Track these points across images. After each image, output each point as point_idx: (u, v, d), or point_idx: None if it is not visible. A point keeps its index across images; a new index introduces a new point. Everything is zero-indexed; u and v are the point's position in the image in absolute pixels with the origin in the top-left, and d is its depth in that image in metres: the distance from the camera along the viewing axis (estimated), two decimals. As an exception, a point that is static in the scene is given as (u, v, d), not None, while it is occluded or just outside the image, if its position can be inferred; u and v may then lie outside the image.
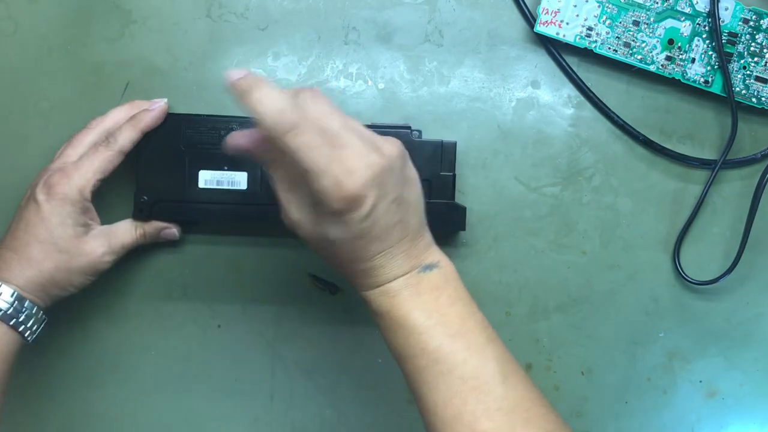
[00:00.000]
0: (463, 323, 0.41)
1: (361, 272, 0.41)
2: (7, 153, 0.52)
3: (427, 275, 0.41)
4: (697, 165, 0.53)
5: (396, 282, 0.41)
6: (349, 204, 0.37)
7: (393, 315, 0.40)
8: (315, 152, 0.37)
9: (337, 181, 0.37)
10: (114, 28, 0.52)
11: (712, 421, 0.55)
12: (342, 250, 0.40)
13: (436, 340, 0.40)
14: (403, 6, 0.52)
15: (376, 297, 0.41)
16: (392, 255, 0.40)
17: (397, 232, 0.40)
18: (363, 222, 0.38)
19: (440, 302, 0.41)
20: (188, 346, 0.53)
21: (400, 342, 0.40)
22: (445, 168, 0.50)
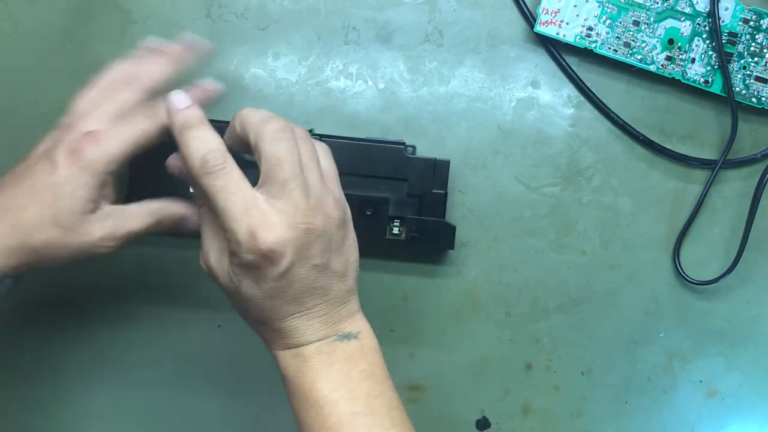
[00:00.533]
0: (369, 402, 0.38)
1: (273, 331, 0.39)
2: (7, 153, 0.52)
3: (342, 345, 0.39)
4: (697, 165, 0.53)
5: (309, 347, 0.39)
6: (262, 259, 0.36)
7: (299, 381, 0.39)
8: (232, 197, 0.36)
9: (252, 232, 0.35)
10: (114, 28, 0.52)
11: (712, 421, 0.55)
12: (255, 307, 0.38)
13: (335, 417, 0.38)
14: (403, 6, 0.52)
15: (285, 358, 0.39)
16: (307, 318, 0.38)
17: (316, 297, 0.38)
18: (277, 281, 0.37)
19: (351, 376, 0.39)
20: (188, 346, 0.53)
21: (302, 413, 0.39)
22: (438, 186, 0.50)
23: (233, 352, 0.53)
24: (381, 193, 0.50)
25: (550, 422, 0.54)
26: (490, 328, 0.54)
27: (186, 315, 0.53)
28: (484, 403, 0.54)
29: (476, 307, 0.53)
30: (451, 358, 0.53)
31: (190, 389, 0.53)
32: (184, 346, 0.53)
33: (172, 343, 0.53)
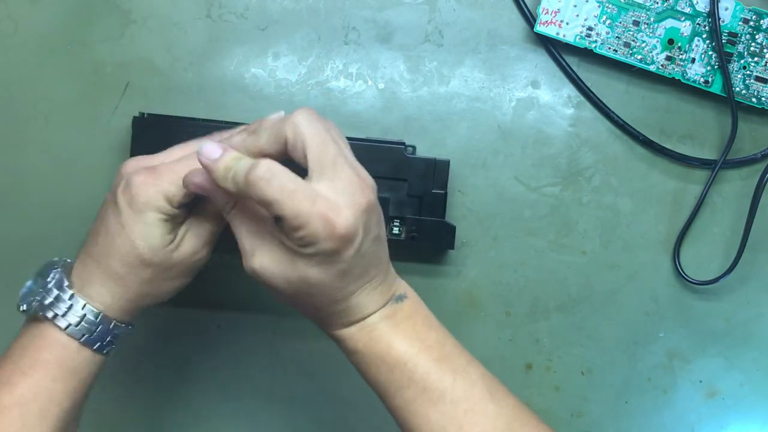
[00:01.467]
0: (442, 347, 0.40)
1: (337, 312, 0.39)
2: (7, 153, 0.52)
3: (399, 306, 0.40)
4: (697, 165, 0.53)
5: (373, 316, 0.39)
6: (341, 243, 0.36)
7: (374, 349, 0.39)
8: (294, 195, 0.35)
9: (326, 220, 0.35)
10: (114, 28, 0.52)
11: (712, 421, 0.55)
12: (320, 292, 0.38)
13: (421, 368, 0.39)
14: (403, 6, 0.52)
15: (353, 334, 0.39)
16: (369, 291, 0.39)
17: (374, 268, 0.39)
18: (350, 261, 0.37)
19: (417, 330, 0.40)
20: (188, 346, 0.53)
21: (383, 377, 0.39)
22: (437, 186, 0.50)
23: (233, 352, 0.53)
24: (381, 193, 0.49)
25: (550, 422, 0.54)
26: (490, 328, 0.54)
27: (186, 315, 0.53)
28: (484, 403, 0.54)
29: (476, 307, 0.53)
30: (451, 358, 0.53)
31: (190, 389, 0.53)
32: (185, 346, 0.53)
33: (172, 344, 0.53)
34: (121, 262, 0.39)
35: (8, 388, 0.38)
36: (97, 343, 0.40)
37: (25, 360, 0.39)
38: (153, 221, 0.39)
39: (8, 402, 0.38)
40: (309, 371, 0.53)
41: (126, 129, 0.51)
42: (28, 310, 0.40)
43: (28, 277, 0.42)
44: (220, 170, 0.37)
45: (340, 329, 0.40)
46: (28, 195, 0.52)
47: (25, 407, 0.38)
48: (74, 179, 0.52)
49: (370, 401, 0.53)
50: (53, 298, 0.39)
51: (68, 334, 0.39)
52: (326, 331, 0.41)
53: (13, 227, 0.52)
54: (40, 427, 0.38)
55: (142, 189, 0.38)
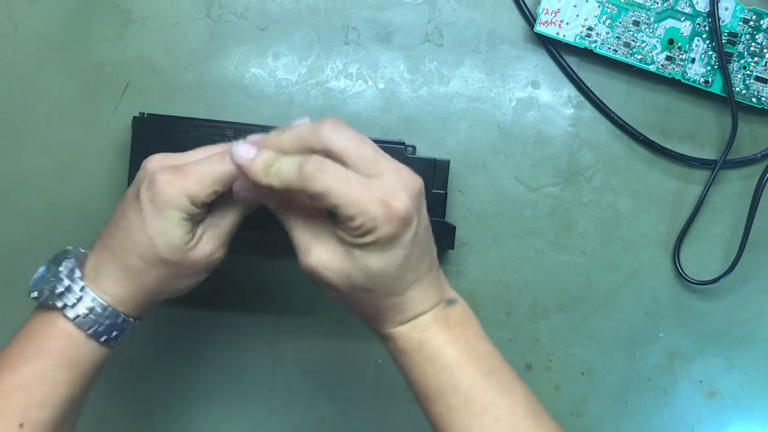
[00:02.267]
0: (491, 360, 0.40)
1: (392, 307, 0.39)
2: (7, 153, 0.52)
3: (452, 309, 0.40)
4: (697, 165, 0.53)
5: (426, 316, 0.39)
6: (401, 225, 0.36)
7: (424, 351, 0.39)
8: (348, 183, 0.36)
9: (384, 203, 0.36)
10: (114, 28, 0.52)
11: (712, 421, 0.55)
12: (378, 284, 0.38)
13: (469, 378, 0.38)
14: (403, 6, 0.52)
15: (405, 332, 0.39)
16: (423, 286, 0.39)
17: (427, 262, 0.39)
18: (408, 246, 0.37)
19: (468, 338, 0.40)
20: (188, 346, 0.53)
21: (429, 381, 0.39)
22: (438, 186, 0.50)
23: (233, 352, 0.53)
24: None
25: (550, 422, 0.54)
26: (490, 328, 0.53)
27: (186, 315, 0.53)
28: (484, 403, 0.54)
29: (476, 307, 0.53)
30: (451, 358, 0.53)
31: (191, 389, 0.53)
32: (185, 346, 0.53)
33: (173, 344, 0.53)
34: (139, 258, 0.39)
35: (10, 371, 0.38)
36: (103, 336, 0.40)
37: (31, 346, 0.39)
38: (174, 220, 0.38)
39: (11, 385, 0.38)
40: (309, 371, 0.53)
41: (126, 129, 0.51)
42: (38, 297, 0.39)
43: (28, 277, 0.42)
44: (259, 167, 0.37)
45: (392, 327, 0.39)
46: (28, 195, 0.52)
47: (26, 393, 0.38)
48: (74, 179, 0.52)
49: (370, 401, 0.53)
50: (64, 288, 0.39)
51: (76, 324, 0.39)
52: (378, 329, 0.40)
53: (13, 227, 0.52)
54: (39, 413, 0.38)
55: (166, 187, 0.38)
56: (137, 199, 0.39)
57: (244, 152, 0.37)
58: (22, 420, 0.38)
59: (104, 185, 0.50)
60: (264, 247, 0.52)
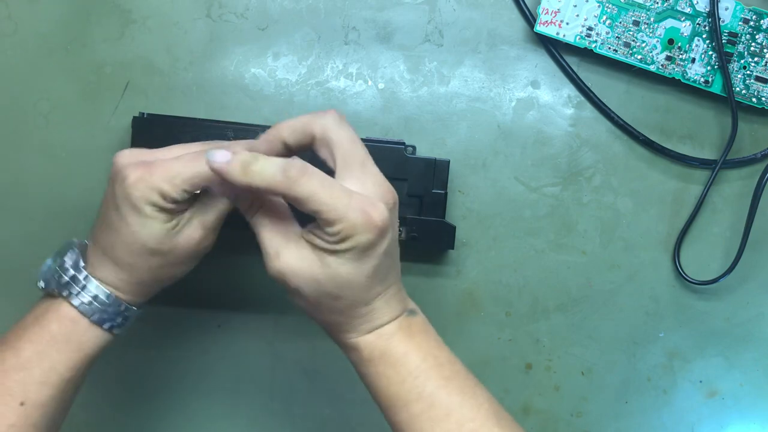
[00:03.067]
0: (452, 366, 0.41)
1: (358, 317, 0.40)
2: (7, 153, 0.52)
3: (413, 319, 0.41)
4: (697, 165, 0.53)
5: (390, 325, 0.40)
6: (377, 236, 0.37)
7: (388, 359, 0.40)
8: (331, 190, 0.36)
9: (364, 212, 0.37)
10: (114, 28, 0.52)
11: (712, 421, 0.55)
12: (347, 292, 0.38)
13: (432, 384, 0.39)
14: (403, 6, 0.52)
15: (370, 342, 0.40)
16: (388, 297, 0.40)
17: (394, 274, 0.40)
18: (380, 257, 0.38)
19: (430, 346, 0.41)
20: (188, 346, 0.53)
21: (393, 389, 0.39)
22: (438, 186, 0.50)
23: (233, 352, 0.53)
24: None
25: (550, 422, 0.54)
26: (490, 328, 0.53)
27: (186, 315, 0.53)
28: (484, 403, 0.54)
29: (476, 307, 0.53)
30: (451, 358, 0.53)
31: (190, 389, 0.53)
32: (184, 346, 0.53)
33: (172, 344, 0.53)
34: (128, 252, 0.40)
35: (13, 352, 0.39)
36: (106, 323, 0.41)
37: (34, 329, 0.40)
38: (150, 214, 0.39)
39: (13, 364, 0.39)
40: (309, 371, 0.53)
41: (126, 129, 0.51)
42: (46, 287, 0.41)
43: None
44: (237, 168, 0.37)
45: (357, 337, 0.40)
46: (28, 195, 0.52)
47: (27, 371, 0.39)
48: (74, 179, 0.52)
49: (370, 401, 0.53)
50: (69, 278, 0.40)
51: (80, 311, 0.40)
52: (342, 339, 0.41)
53: (13, 227, 0.52)
54: (39, 393, 0.39)
55: (136, 183, 0.38)
56: (114, 197, 0.39)
57: (219, 156, 0.37)
58: (23, 398, 0.39)
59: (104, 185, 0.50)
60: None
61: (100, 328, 0.41)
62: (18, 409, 0.39)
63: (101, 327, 0.41)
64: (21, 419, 0.39)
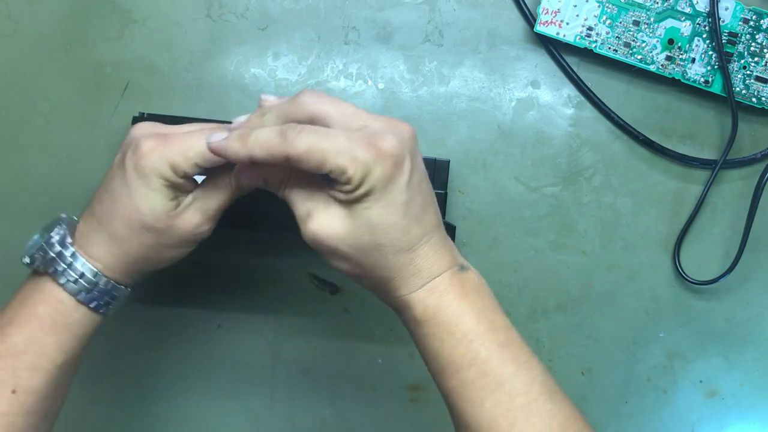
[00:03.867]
0: (508, 332, 0.38)
1: (405, 267, 0.38)
2: (7, 153, 0.52)
3: (466, 275, 0.39)
4: (697, 165, 0.53)
5: (441, 278, 0.38)
6: (392, 166, 0.36)
7: (441, 319, 0.37)
8: (331, 136, 0.36)
9: (371, 145, 0.35)
10: (114, 28, 0.52)
11: (712, 421, 0.55)
12: (385, 237, 0.37)
13: (486, 350, 0.37)
14: (403, 6, 0.52)
15: (422, 298, 0.38)
16: (433, 243, 0.38)
17: (432, 215, 0.38)
18: (405, 192, 0.36)
19: (485, 306, 0.38)
20: (188, 346, 0.53)
21: (446, 352, 0.37)
22: (438, 186, 0.50)
23: (233, 352, 0.53)
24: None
25: (550, 422, 0.54)
26: (490, 328, 0.53)
27: (186, 315, 0.53)
28: (484, 403, 0.54)
29: (476, 307, 0.53)
30: (451, 358, 0.53)
31: (190, 389, 0.53)
32: (184, 346, 0.53)
33: (173, 343, 0.53)
34: (124, 224, 0.39)
35: (1, 338, 0.38)
36: (93, 302, 0.40)
37: (21, 312, 0.39)
38: (156, 187, 0.38)
39: (1, 352, 0.38)
40: (309, 371, 0.53)
41: (126, 129, 0.50)
42: (31, 263, 0.40)
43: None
44: (235, 142, 0.37)
45: (409, 292, 0.38)
46: (28, 195, 0.52)
47: (16, 358, 0.38)
48: (74, 179, 0.52)
49: (370, 401, 0.53)
50: (55, 254, 0.39)
51: (66, 290, 0.39)
52: (394, 297, 0.39)
53: (13, 227, 0.52)
54: (30, 379, 0.38)
55: (149, 153, 0.38)
56: (123, 165, 0.39)
57: (217, 136, 0.37)
58: (14, 386, 0.38)
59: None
60: (264, 246, 0.52)
61: (87, 307, 0.40)
62: (10, 397, 0.38)
63: (88, 306, 0.40)
64: (14, 407, 0.38)
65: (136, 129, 0.40)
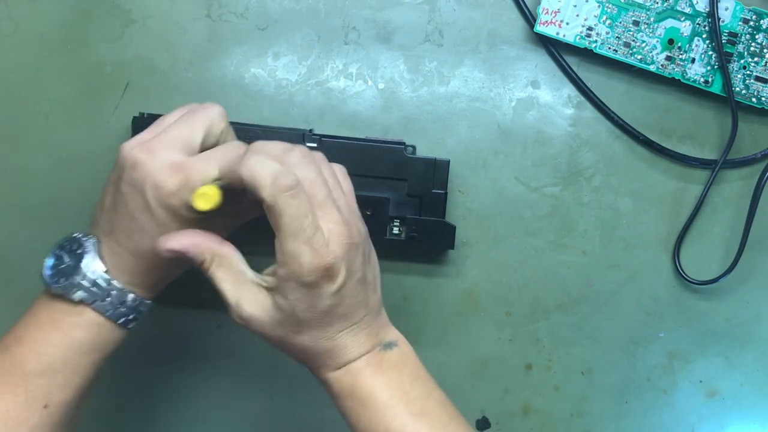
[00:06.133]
0: (425, 402, 0.40)
1: (323, 353, 0.40)
2: (7, 153, 0.52)
3: (388, 354, 0.41)
4: (697, 165, 0.53)
5: (359, 361, 0.40)
6: (323, 277, 0.37)
7: (356, 394, 0.40)
8: (306, 219, 0.37)
9: (315, 251, 0.37)
10: (114, 28, 0.52)
11: (712, 421, 0.55)
12: (307, 328, 0.39)
13: (398, 420, 0.39)
14: (403, 6, 0.52)
15: (338, 378, 0.40)
16: (355, 333, 0.40)
17: (361, 311, 0.40)
18: (332, 298, 0.38)
19: (402, 380, 0.40)
20: (188, 346, 0.53)
21: (363, 425, 0.40)
22: (438, 186, 0.50)
23: (233, 352, 0.53)
24: (381, 193, 0.50)
25: (550, 422, 0.54)
26: (490, 328, 0.54)
27: (186, 315, 0.53)
28: (484, 403, 0.54)
29: (476, 307, 0.53)
30: (451, 358, 0.53)
31: (190, 389, 0.53)
32: (184, 346, 0.53)
33: (173, 344, 0.53)
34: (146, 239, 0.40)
35: (36, 357, 0.40)
36: (121, 318, 0.42)
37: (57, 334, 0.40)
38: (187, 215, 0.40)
39: (35, 369, 0.40)
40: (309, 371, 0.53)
41: (126, 129, 0.51)
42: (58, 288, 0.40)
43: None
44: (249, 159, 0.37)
45: (327, 372, 0.41)
46: (28, 195, 0.52)
47: (51, 377, 0.40)
48: (74, 179, 0.52)
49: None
50: (90, 283, 0.40)
51: (96, 310, 0.40)
52: (316, 374, 0.41)
53: (13, 227, 0.52)
54: (62, 395, 0.40)
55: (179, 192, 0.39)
56: (143, 202, 0.39)
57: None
58: (47, 402, 0.40)
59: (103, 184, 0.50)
60: (264, 246, 0.52)
61: (116, 324, 0.42)
62: (42, 412, 0.40)
63: (116, 324, 0.42)
64: (44, 419, 0.40)
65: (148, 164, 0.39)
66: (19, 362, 0.40)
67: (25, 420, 0.39)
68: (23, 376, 0.39)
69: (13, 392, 0.39)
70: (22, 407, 0.39)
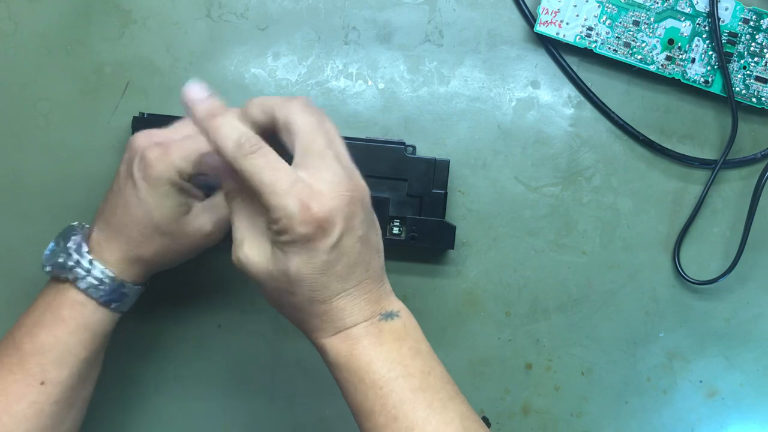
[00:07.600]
0: (425, 378, 0.38)
1: (319, 315, 0.38)
2: (7, 153, 0.52)
3: (388, 324, 0.39)
4: (697, 165, 0.53)
5: (357, 328, 0.38)
6: (316, 229, 0.35)
7: (352, 365, 0.38)
8: (277, 173, 0.35)
9: (303, 203, 0.35)
10: (114, 28, 0.52)
11: (712, 421, 0.55)
12: (301, 288, 0.37)
13: (396, 395, 0.37)
14: (403, 6, 0.52)
15: (334, 345, 0.38)
16: (354, 297, 0.38)
17: (360, 273, 0.38)
18: (329, 253, 0.36)
19: (402, 354, 0.38)
20: (188, 346, 0.53)
21: (359, 397, 0.38)
22: (438, 186, 0.50)
23: (233, 352, 0.53)
24: (381, 193, 0.50)
25: (550, 422, 0.54)
26: (490, 328, 0.54)
27: (186, 315, 0.53)
28: (484, 403, 0.54)
29: (476, 307, 0.53)
30: (451, 358, 0.53)
31: (190, 389, 0.53)
32: (184, 346, 0.53)
33: (172, 344, 0.53)
34: (138, 231, 0.42)
35: (30, 337, 0.42)
36: (112, 303, 0.43)
37: (47, 315, 0.43)
38: (166, 192, 0.41)
39: (31, 350, 0.42)
40: (309, 370, 0.53)
41: (126, 129, 0.51)
42: (51, 271, 0.43)
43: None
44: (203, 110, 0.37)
45: (322, 337, 0.39)
46: (28, 195, 0.52)
47: (44, 355, 0.42)
48: (74, 179, 0.52)
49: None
50: (74, 262, 0.43)
51: (86, 294, 0.43)
52: (311, 338, 0.39)
53: (13, 227, 0.52)
54: (57, 372, 0.42)
55: (156, 163, 0.41)
56: (131, 176, 0.42)
57: (195, 93, 0.38)
58: (43, 379, 0.42)
59: (104, 185, 0.50)
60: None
61: (106, 308, 0.43)
62: (39, 388, 0.42)
63: (107, 307, 0.43)
64: (42, 396, 0.42)
65: (136, 140, 0.43)
66: (17, 344, 0.42)
67: (24, 396, 0.41)
68: (20, 356, 0.42)
69: (11, 371, 0.42)
70: (19, 384, 0.42)
